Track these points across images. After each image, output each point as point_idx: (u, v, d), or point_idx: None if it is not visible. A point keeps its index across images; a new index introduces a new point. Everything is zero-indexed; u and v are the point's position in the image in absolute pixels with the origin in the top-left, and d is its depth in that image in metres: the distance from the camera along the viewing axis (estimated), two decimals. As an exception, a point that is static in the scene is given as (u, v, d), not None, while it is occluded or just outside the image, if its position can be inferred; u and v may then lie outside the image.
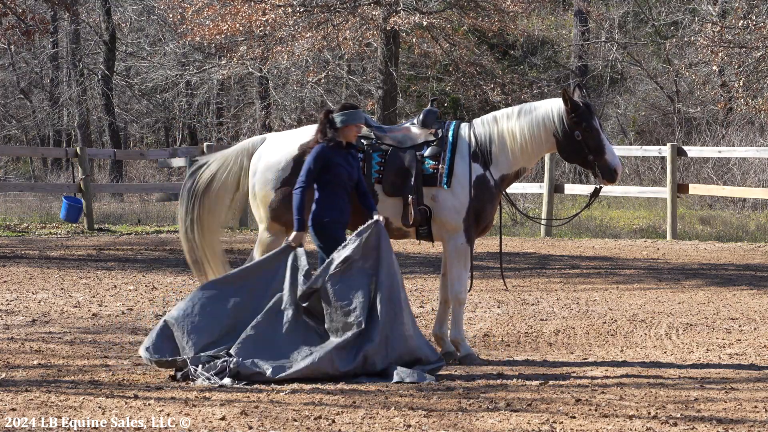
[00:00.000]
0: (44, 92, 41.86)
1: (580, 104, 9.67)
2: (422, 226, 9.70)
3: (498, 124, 9.81)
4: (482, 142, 9.75)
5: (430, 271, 16.84)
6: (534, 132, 9.74)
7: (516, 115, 9.81)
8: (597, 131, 9.68)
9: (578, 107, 9.65)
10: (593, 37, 39.79)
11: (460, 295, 9.73)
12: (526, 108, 9.85)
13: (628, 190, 24.93)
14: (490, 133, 9.78)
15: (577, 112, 9.64)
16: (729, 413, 7.79)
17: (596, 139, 9.67)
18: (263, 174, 9.74)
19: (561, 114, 9.69)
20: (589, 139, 9.67)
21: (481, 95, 30.37)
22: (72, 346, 10.33)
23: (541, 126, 9.74)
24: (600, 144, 9.68)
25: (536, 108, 9.82)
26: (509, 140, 9.75)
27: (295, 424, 7.38)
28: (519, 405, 7.96)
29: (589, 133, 9.66)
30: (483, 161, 9.73)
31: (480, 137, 9.76)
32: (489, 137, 9.77)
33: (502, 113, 9.89)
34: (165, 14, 36.03)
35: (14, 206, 28.91)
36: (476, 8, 28.28)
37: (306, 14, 27.21)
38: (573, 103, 9.66)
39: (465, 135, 9.79)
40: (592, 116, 9.69)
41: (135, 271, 16.78)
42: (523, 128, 9.74)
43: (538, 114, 9.77)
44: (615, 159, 9.71)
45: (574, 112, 9.64)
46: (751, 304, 13.59)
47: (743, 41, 28.89)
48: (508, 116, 9.83)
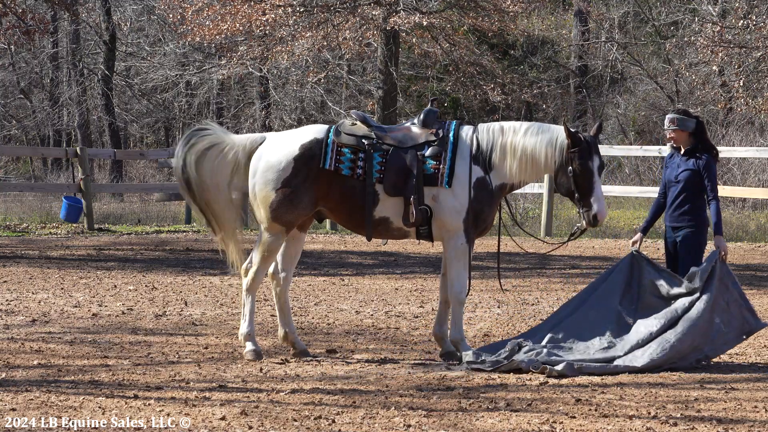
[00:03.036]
0: (44, 92, 41.87)
1: (581, 140, 9.55)
2: (423, 226, 9.70)
3: (503, 136, 9.72)
4: (484, 148, 9.72)
5: (430, 271, 16.85)
6: (536, 154, 9.65)
7: (523, 132, 9.72)
8: (590, 173, 9.52)
9: (579, 143, 9.53)
10: (593, 37, 39.79)
11: (459, 296, 9.72)
12: (535, 128, 9.73)
13: (628, 190, 24.92)
14: (493, 142, 9.73)
15: (576, 148, 9.53)
16: (729, 413, 7.80)
17: (587, 180, 9.53)
18: (264, 174, 9.73)
19: (563, 145, 9.62)
20: (580, 178, 9.55)
21: (481, 95, 30.37)
22: (72, 346, 10.33)
23: (543, 150, 9.64)
24: (589, 187, 9.53)
25: (544, 131, 9.70)
26: (510, 154, 9.69)
27: (295, 424, 7.38)
28: (519, 405, 7.97)
29: (582, 173, 9.52)
30: (483, 165, 9.71)
31: (482, 143, 9.73)
32: (492, 145, 9.72)
33: (510, 126, 9.78)
34: (165, 14, 36.02)
35: (14, 206, 28.90)
36: (476, 8, 28.28)
37: (306, 14, 27.22)
38: (574, 137, 9.53)
39: (467, 137, 9.77)
40: (591, 156, 9.52)
41: (135, 271, 16.78)
42: (526, 147, 9.67)
43: (544, 137, 9.66)
44: (601, 206, 9.55)
45: (574, 146, 9.55)
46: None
47: (743, 41, 28.88)
48: (515, 131, 9.72)
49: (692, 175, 9.86)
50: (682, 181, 9.87)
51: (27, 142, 43.47)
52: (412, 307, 13.17)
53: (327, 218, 10.15)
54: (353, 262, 18.70)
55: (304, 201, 9.65)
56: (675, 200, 9.92)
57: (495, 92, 29.18)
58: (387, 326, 11.76)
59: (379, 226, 9.73)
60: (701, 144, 9.95)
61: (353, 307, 13.18)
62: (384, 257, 19.13)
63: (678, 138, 9.97)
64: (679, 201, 9.90)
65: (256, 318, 10.67)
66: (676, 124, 9.94)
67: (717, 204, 9.87)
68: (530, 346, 9.49)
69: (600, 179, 9.61)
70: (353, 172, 9.66)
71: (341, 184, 9.67)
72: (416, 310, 12.96)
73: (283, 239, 9.78)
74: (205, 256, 18.98)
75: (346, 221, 9.87)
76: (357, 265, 18.14)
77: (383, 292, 14.53)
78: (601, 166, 9.63)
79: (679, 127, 9.94)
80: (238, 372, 9.21)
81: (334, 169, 9.65)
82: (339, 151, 9.68)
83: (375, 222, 9.69)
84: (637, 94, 38.79)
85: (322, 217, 10.06)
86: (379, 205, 9.64)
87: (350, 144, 9.69)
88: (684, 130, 9.96)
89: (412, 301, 13.69)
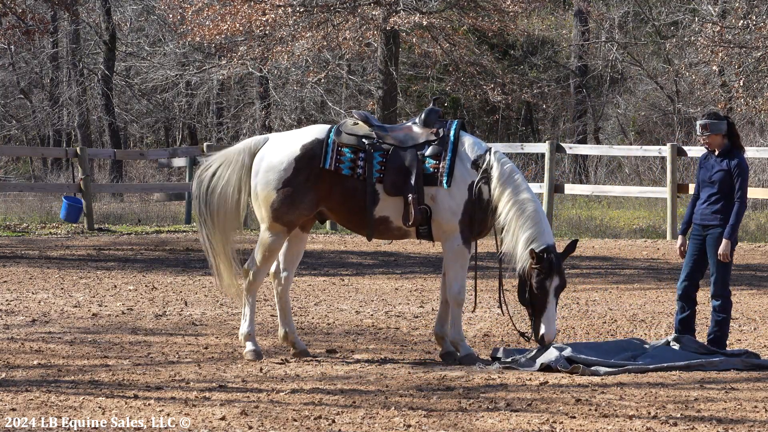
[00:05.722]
0: (44, 92, 41.84)
1: (544, 259, 9.45)
2: (422, 226, 9.70)
3: (504, 185, 9.59)
4: (486, 168, 9.66)
5: (430, 271, 16.85)
6: (515, 232, 9.53)
7: (519, 206, 9.53)
8: (545, 293, 9.45)
9: (541, 261, 9.45)
10: (593, 37, 39.77)
11: (458, 296, 9.72)
12: (531, 218, 9.53)
13: (628, 190, 24.93)
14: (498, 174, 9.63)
15: (538, 265, 9.45)
16: (729, 413, 7.80)
17: (541, 300, 9.49)
18: (265, 174, 9.73)
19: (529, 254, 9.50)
20: (534, 297, 9.52)
21: (481, 95, 30.37)
22: (72, 346, 10.33)
23: (520, 245, 9.52)
24: (541, 306, 9.49)
25: (533, 225, 9.51)
26: (502, 206, 9.60)
27: (295, 424, 7.38)
28: (519, 405, 7.97)
29: (537, 291, 9.49)
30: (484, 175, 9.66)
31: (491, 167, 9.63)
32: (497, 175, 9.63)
33: (519, 182, 9.61)
34: (165, 14, 36.02)
35: (14, 206, 28.89)
36: (476, 8, 28.28)
37: (306, 14, 27.21)
38: (538, 256, 9.45)
39: (476, 147, 9.71)
40: (548, 278, 9.45)
41: (135, 271, 16.78)
42: (511, 218, 9.52)
43: (526, 233, 9.47)
44: (550, 328, 9.47)
45: (537, 263, 9.46)
46: (751, 304, 13.59)
47: (743, 41, 28.87)
48: (517, 191, 9.57)
49: (726, 176, 9.92)
50: (717, 182, 9.94)
51: (27, 142, 43.46)
52: (412, 307, 13.17)
53: (328, 219, 10.16)
54: (353, 262, 18.70)
55: (305, 201, 9.66)
56: (708, 200, 9.98)
57: (495, 92, 29.17)
58: (387, 326, 11.76)
59: (379, 226, 9.73)
60: (733, 144, 10.02)
61: (353, 307, 13.18)
62: (384, 257, 19.13)
63: (712, 142, 10.03)
64: (712, 200, 9.96)
65: (256, 318, 10.66)
66: (709, 129, 9.98)
67: (740, 206, 9.92)
68: (559, 345, 9.63)
69: (555, 300, 9.52)
70: (353, 172, 9.66)
71: (342, 184, 9.67)
72: (416, 310, 12.96)
73: (285, 239, 9.79)
74: (205, 256, 18.94)
75: (346, 221, 9.87)
76: (357, 265, 18.14)
77: (383, 292, 14.53)
78: (560, 287, 9.54)
79: (712, 131, 10.00)
80: (238, 372, 9.21)
81: (335, 168, 9.65)
82: (339, 150, 9.68)
83: (375, 222, 9.69)
84: (637, 94, 38.78)
85: (323, 218, 10.06)
86: (379, 204, 9.64)
87: (350, 144, 9.70)
88: (717, 133, 10.01)
89: (412, 301, 13.69)
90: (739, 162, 9.96)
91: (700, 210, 10.05)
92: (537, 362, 9.41)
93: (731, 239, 9.89)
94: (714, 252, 9.93)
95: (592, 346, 9.89)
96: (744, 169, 9.97)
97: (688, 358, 9.64)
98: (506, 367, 9.43)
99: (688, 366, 9.47)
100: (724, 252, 9.84)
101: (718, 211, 9.94)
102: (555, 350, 9.47)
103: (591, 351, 9.68)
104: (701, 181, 10.11)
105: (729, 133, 10.04)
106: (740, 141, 10.14)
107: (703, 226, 10.00)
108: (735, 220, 9.85)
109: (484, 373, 9.19)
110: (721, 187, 9.95)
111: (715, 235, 9.93)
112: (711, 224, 9.96)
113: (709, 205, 9.99)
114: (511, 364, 9.47)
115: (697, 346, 9.89)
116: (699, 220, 10.05)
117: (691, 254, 10.08)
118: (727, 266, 9.96)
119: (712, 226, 9.95)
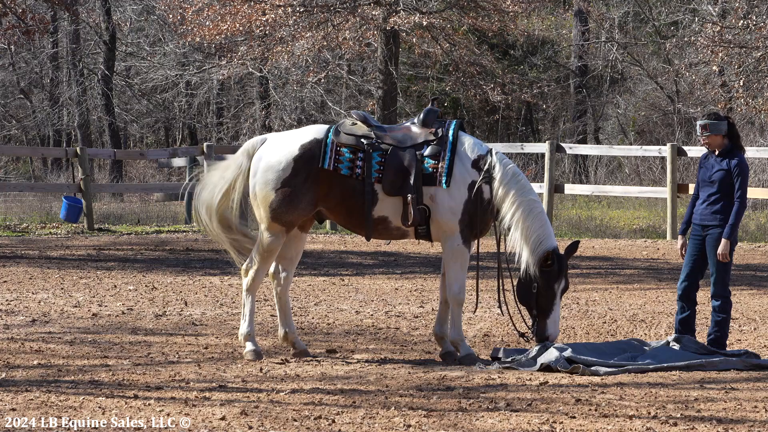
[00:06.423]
0: (44, 92, 41.85)
1: (555, 263, 9.51)
2: (421, 226, 9.70)
3: (508, 185, 9.59)
4: (488, 169, 9.66)
5: (430, 271, 16.85)
6: (523, 233, 9.56)
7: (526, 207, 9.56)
8: (553, 295, 9.56)
9: (552, 263, 9.51)
10: (593, 37, 39.77)
11: (458, 296, 9.72)
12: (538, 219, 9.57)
13: (628, 190, 24.92)
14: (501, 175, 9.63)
15: (548, 266, 9.51)
16: (729, 413, 7.80)
17: (548, 301, 9.57)
18: (264, 174, 9.74)
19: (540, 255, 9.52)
20: (542, 297, 9.59)
21: (481, 95, 30.35)
22: (72, 346, 10.33)
23: (531, 241, 9.55)
24: (548, 308, 9.58)
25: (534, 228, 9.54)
26: (507, 207, 9.62)
27: (295, 424, 7.38)
28: (519, 405, 7.96)
29: (546, 292, 9.56)
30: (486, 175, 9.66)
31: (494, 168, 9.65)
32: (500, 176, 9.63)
33: (523, 183, 9.63)
34: (165, 14, 36.01)
35: (14, 206, 28.89)
36: (476, 8, 28.27)
37: (306, 14, 27.20)
38: (552, 258, 9.51)
39: (476, 147, 9.72)
40: (557, 280, 9.54)
41: (135, 271, 16.78)
42: (518, 218, 9.54)
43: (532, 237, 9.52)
44: (555, 329, 9.60)
45: (548, 264, 9.50)
46: (751, 304, 13.59)
47: (743, 41, 28.86)
48: (523, 192, 9.59)
49: (726, 176, 9.93)
50: (717, 182, 9.95)
51: (27, 142, 43.46)
52: (412, 307, 13.17)
53: (327, 219, 10.15)
54: (353, 262, 18.70)
55: (304, 201, 9.66)
56: (707, 200, 9.99)
57: (495, 92, 29.17)
58: (387, 326, 11.76)
59: (378, 226, 9.73)
60: (734, 144, 10.03)
61: (353, 307, 13.18)
62: (384, 257, 19.13)
63: (712, 142, 10.04)
64: (711, 200, 9.97)
65: (256, 318, 10.66)
66: (709, 129, 10.00)
67: (739, 206, 9.93)
68: (560, 345, 9.64)
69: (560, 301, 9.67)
70: (352, 172, 9.66)
71: (340, 184, 9.67)
72: (416, 310, 12.96)
73: (283, 239, 9.78)
74: (205, 256, 18.97)
75: (345, 221, 9.87)
76: (357, 265, 18.14)
77: (383, 292, 14.53)
78: (565, 289, 9.67)
79: (712, 132, 10.01)
80: (238, 372, 9.21)
81: (333, 168, 9.65)
82: (338, 151, 9.68)
83: (374, 222, 9.69)
84: (637, 94, 38.78)
85: (322, 218, 10.06)
86: (378, 204, 9.64)
87: (349, 144, 9.70)
88: (717, 133, 10.01)
89: (412, 301, 13.69)
90: (739, 162, 9.96)
91: (699, 210, 10.06)
92: (537, 362, 9.41)
93: (731, 239, 9.89)
94: (714, 252, 9.93)
95: (591, 347, 9.88)
96: (744, 169, 9.97)
97: (688, 358, 9.64)
98: (506, 367, 9.42)
99: (688, 366, 9.47)
100: (724, 252, 9.84)
101: (718, 211, 9.94)
102: (555, 350, 9.47)
103: (591, 352, 9.68)
104: (701, 181, 10.12)
105: (729, 134, 10.04)
106: (741, 141, 10.14)
107: (702, 226, 10.01)
108: (734, 220, 9.86)
109: (484, 373, 9.19)
110: (720, 187, 9.95)
111: (715, 235, 9.93)
112: (710, 224, 9.97)
113: (708, 205, 9.99)
114: (511, 364, 9.47)
115: (697, 346, 9.89)
116: (699, 220, 10.06)
117: (691, 254, 10.09)
118: (727, 266, 9.96)
119: (712, 226, 9.95)
